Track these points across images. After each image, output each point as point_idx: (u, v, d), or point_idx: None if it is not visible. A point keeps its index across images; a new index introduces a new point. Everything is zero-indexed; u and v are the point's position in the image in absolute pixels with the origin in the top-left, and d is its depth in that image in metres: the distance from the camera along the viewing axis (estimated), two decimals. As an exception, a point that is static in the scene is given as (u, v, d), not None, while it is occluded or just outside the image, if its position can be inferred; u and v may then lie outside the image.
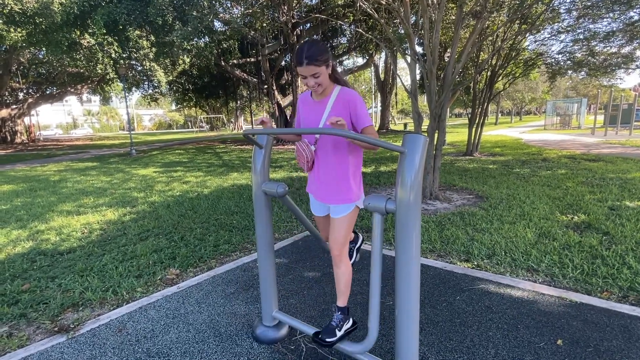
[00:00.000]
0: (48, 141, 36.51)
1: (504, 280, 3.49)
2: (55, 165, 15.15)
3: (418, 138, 1.85)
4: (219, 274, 3.91)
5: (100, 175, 11.65)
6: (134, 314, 3.15)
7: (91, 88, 30.97)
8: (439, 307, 3.07)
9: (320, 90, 2.22)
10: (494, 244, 4.36)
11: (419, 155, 1.84)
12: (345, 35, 24.34)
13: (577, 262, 3.76)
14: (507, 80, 14.04)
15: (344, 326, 2.34)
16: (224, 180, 9.69)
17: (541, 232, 4.69)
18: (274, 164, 12.83)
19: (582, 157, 11.43)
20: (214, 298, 3.38)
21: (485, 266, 3.83)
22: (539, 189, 7.12)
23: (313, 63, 2.08)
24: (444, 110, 6.74)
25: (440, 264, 3.95)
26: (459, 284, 3.45)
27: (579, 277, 3.48)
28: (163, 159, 16.08)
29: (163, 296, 3.45)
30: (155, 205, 7.07)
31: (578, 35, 11.02)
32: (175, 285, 3.68)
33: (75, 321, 3.08)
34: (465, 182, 8.08)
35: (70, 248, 4.84)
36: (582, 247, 4.16)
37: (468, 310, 2.99)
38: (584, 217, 5.22)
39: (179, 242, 4.91)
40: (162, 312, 3.16)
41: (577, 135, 21.06)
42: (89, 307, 3.33)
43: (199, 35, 15.08)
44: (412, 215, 1.86)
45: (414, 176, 1.83)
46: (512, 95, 40.48)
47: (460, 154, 13.87)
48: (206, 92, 32.47)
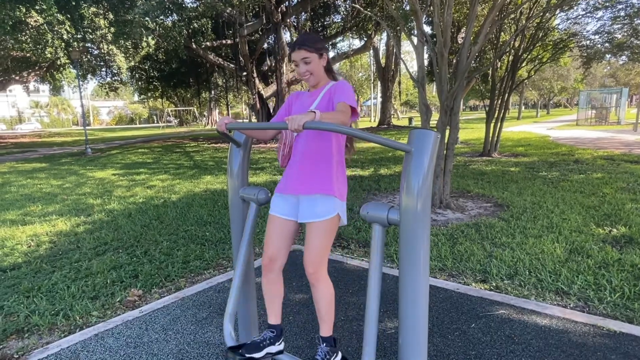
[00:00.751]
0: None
1: (529, 305, 3.50)
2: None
3: (427, 134, 1.84)
4: (188, 295, 3.89)
5: (50, 178, 11.59)
6: (89, 343, 3.12)
7: (39, 76, 30.73)
8: (450, 336, 3.07)
9: (312, 80, 2.35)
10: (516, 262, 4.37)
11: (429, 155, 1.83)
12: (339, 12, 24.30)
13: (616, 283, 3.78)
14: (532, 66, 14.12)
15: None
16: (195, 185, 9.67)
17: (573, 248, 4.71)
18: (254, 165, 12.83)
19: (622, 158, 11.53)
20: (182, 324, 3.35)
21: (506, 288, 3.84)
22: (570, 195, 7.17)
23: (304, 47, 2.27)
24: (456, 102, 6.76)
25: (452, 285, 3.96)
26: (474, 309, 3.45)
27: (618, 301, 3.49)
28: (124, 159, 16.03)
29: (123, 321, 3.42)
30: (114, 213, 7.03)
31: (619, 11, 11.05)
32: (137, 309, 3.65)
33: (20, 350, 3.04)
34: (482, 187, 8.12)
35: (14, 264, 4.80)
36: (622, 265, 4.18)
37: (485, 341, 2.99)
38: (624, 230, 5.25)
39: (142, 257, 4.89)
40: (121, 341, 3.13)
41: (616, 132, 21.25)
42: (36, 334, 3.30)
43: (165, 12, 15.05)
44: (420, 226, 1.85)
45: (422, 180, 1.82)
46: (538, 85, 40.72)
47: (475, 154, 13.94)
48: (174, 81, 32.40)
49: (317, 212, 2.21)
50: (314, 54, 2.29)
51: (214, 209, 7.11)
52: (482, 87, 21.75)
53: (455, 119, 6.76)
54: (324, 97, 2.31)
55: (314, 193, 2.23)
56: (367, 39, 25.87)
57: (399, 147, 1.84)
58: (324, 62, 2.36)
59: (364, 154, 14.73)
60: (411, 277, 1.91)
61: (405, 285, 1.93)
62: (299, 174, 2.27)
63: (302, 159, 2.28)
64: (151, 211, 7.11)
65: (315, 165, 2.24)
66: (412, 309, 1.94)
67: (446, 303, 3.57)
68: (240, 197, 2.55)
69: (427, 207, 1.85)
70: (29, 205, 7.93)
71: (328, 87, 2.33)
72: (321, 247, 2.23)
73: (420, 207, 1.83)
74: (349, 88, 2.26)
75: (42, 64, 26.97)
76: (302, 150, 2.29)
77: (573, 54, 16.05)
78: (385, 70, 32.18)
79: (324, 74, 2.38)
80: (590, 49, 13.13)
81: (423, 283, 1.92)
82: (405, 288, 1.93)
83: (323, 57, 2.34)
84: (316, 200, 2.22)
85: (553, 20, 12.86)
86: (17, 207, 7.78)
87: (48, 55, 16.66)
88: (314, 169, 2.24)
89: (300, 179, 2.27)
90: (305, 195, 2.25)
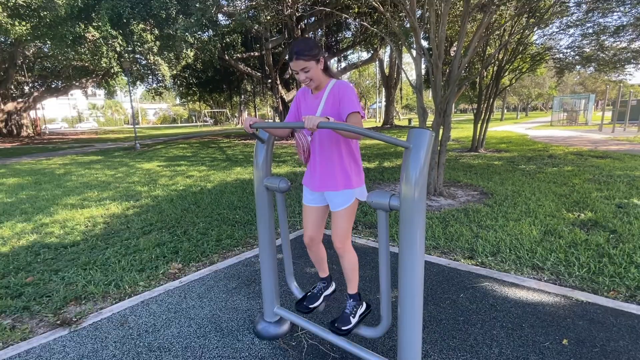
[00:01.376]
0: (53, 135, 36.68)
1: (509, 278, 3.46)
2: (61, 158, 15.21)
3: (423, 133, 1.81)
4: (221, 268, 3.90)
5: (105, 169, 11.68)
6: (136, 308, 3.15)
7: (96, 82, 31.04)
8: (442, 304, 3.04)
9: (313, 85, 2.29)
10: (498, 241, 4.33)
11: (425, 151, 1.80)
12: (349, 29, 24.23)
13: (584, 260, 3.72)
14: (513, 75, 13.93)
15: (357, 312, 2.40)
16: (227, 175, 9.68)
17: (547, 230, 4.65)
18: (277, 158, 12.81)
19: (589, 153, 11.34)
20: (215, 293, 3.37)
21: (490, 264, 3.80)
22: (545, 185, 7.07)
23: (301, 58, 2.15)
24: (449, 106, 6.68)
25: (444, 261, 3.93)
26: (462, 282, 3.42)
27: (585, 275, 3.44)
28: (167, 153, 16.10)
29: (165, 290, 3.45)
30: (158, 199, 7.07)
31: (587, 29, 10.89)
32: (177, 280, 3.67)
33: (78, 314, 3.07)
34: (470, 178, 8.03)
35: (73, 241, 4.84)
36: (589, 245, 4.11)
37: (472, 309, 2.96)
38: (590, 215, 5.17)
39: (181, 236, 4.91)
40: (163, 307, 3.15)
41: (584, 131, 20.90)
42: (91, 301, 3.33)
43: (202, 28, 15.05)
44: (417, 212, 1.83)
45: (419, 172, 1.79)
46: (518, 91, 40.18)
47: (465, 150, 13.80)
48: (210, 87, 32.49)
49: (339, 202, 2.30)
50: (312, 61, 2.17)
51: (243, 196, 7.12)
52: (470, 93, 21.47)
53: (448, 120, 6.68)
54: (328, 99, 2.25)
55: (335, 190, 2.29)
56: (374, 52, 25.79)
57: (399, 144, 1.81)
58: (321, 65, 2.23)
59: (370, 150, 14.64)
60: (409, 256, 1.89)
61: (404, 262, 1.92)
62: (321, 174, 2.32)
63: (322, 161, 2.30)
64: (190, 197, 7.14)
65: (334, 166, 2.27)
66: (409, 282, 1.93)
67: (439, 276, 3.55)
68: (265, 186, 2.55)
69: (423, 195, 1.82)
70: (87, 192, 8.00)
71: (330, 88, 2.25)
72: (344, 227, 2.33)
73: (417, 195, 1.81)
74: (352, 92, 2.18)
75: (98, 72, 27.21)
76: (320, 153, 2.30)
77: (548, 65, 15.81)
78: (388, 78, 31.89)
79: (323, 76, 2.27)
80: (563, 61, 12.92)
81: (420, 261, 1.90)
82: (404, 265, 1.92)
83: (320, 62, 2.21)
84: (337, 194, 2.29)
85: (531, 36, 12.68)
86: (76, 193, 7.86)
87: (103, 64, 16.74)
88: (334, 169, 2.27)
89: (322, 179, 2.32)
90: (329, 192, 2.32)
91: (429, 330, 2.71)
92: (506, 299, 3.09)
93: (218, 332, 2.76)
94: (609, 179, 7.42)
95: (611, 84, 25.59)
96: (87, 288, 3.51)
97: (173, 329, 2.83)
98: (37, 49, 25.12)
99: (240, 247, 4.56)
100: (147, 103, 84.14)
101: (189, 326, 2.86)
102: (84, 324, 2.93)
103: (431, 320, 2.83)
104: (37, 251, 4.52)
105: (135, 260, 4.15)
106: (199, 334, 2.75)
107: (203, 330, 2.80)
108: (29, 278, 3.76)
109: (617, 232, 4.46)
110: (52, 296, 3.38)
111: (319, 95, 2.30)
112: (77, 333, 2.82)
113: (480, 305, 3.00)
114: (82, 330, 2.85)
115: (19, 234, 5.22)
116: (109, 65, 16.70)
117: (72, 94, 57.30)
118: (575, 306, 2.95)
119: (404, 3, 6.54)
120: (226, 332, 2.76)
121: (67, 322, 2.97)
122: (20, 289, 3.52)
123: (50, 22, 14.51)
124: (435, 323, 2.79)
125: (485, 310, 2.93)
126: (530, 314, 2.86)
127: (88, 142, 25.81)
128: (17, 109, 30.22)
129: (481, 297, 3.12)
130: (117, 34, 15.29)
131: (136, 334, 2.78)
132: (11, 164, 13.77)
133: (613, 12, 9.82)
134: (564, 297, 3.08)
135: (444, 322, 2.81)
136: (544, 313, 2.86)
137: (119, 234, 5.09)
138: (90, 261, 4.14)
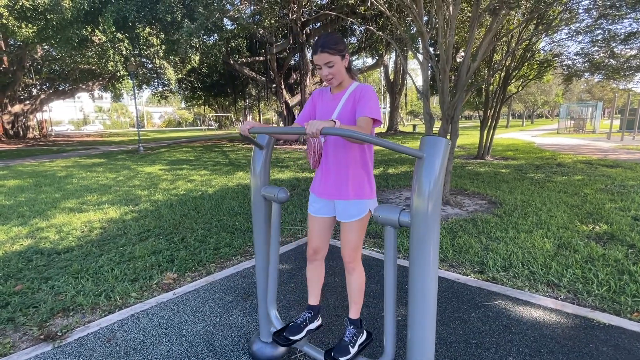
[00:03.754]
0: (59, 137, 36.70)
1: (523, 296, 3.23)
2: (64, 160, 15.09)
3: (439, 141, 1.60)
4: (217, 279, 3.69)
5: (106, 171, 11.52)
6: (125, 322, 2.94)
7: (102, 85, 31.08)
8: (452, 324, 2.82)
9: (335, 82, 2.10)
10: (510, 255, 4.10)
11: (440, 161, 1.59)
12: (355, 34, 24.13)
13: (602, 277, 3.48)
14: (520, 82, 13.72)
15: (357, 341, 2.16)
16: (229, 180, 9.49)
17: (560, 243, 4.41)
18: (280, 164, 12.63)
19: (599, 162, 11.07)
20: (210, 307, 3.16)
21: (502, 279, 3.57)
22: (555, 195, 6.83)
23: (327, 51, 1.99)
24: (456, 112, 6.48)
25: (453, 275, 3.70)
26: (473, 299, 3.19)
27: (605, 295, 3.19)
28: (170, 157, 15.96)
29: (157, 303, 3.24)
30: (158, 204, 6.88)
31: (597, 36, 10.67)
32: (171, 292, 3.46)
33: (64, 328, 2.87)
34: (477, 186, 7.80)
35: (68, 247, 4.66)
36: (607, 260, 3.87)
37: (484, 330, 2.73)
38: (606, 227, 4.92)
39: (178, 243, 4.71)
40: (154, 321, 2.94)
41: (592, 139, 20.60)
42: (79, 313, 3.13)
43: (207, 32, 14.94)
44: (431, 228, 1.61)
45: (432, 184, 1.59)
46: (524, 98, 39.97)
47: (471, 157, 13.57)
48: (215, 91, 32.48)
49: (351, 213, 2.09)
50: (337, 56, 2.00)
51: (244, 201, 6.92)
52: (476, 100, 21.29)
53: (455, 127, 6.47)
54: (347, 101, 2.06)
55: (348, 199, 2.08)
56: (379, 58, 25.74)
57: (411, 153, 1.60)
58: (346, 62, 2.07)
59: (374, 156, 14.41)
60: (421, 275, 1.68)
61: (415, 282, 1.70)
62: (334, 181, 2.11)
63: (335, 167, 2.10)
64: (190, 202, 6.95)
65: (347, 173, 2.07)
66: (421, 303, 1.71)
67: (448, 292, 3.32)
68: (262, 195, 2.34)
69: (437, 210, 1.61)
70: (86, 195, 7.82)
71: (352, 90, 2.07)
72: (355, 241, 2.13)
73: (431, 209, 1.60)
74: (374, 97, 1.99)
75: (104, 75, 27.23)
76: (333, 158, 2.10)
77: (556, 72, 15.59)
78: (393, 84, 31.74)
79: (346, 74, 2.10)
80: (571, 68, 12.69)
81: (432, 280, 1.69)
82: (415, 285, 1.70)
83: (345, 58, 2.06)
84: (350, 204, 2.09)
85: (539, 43, 12.47)
86: (76, 197, 7.68)
87: (110, 68, 16.68)
88: (346, 176, 2.07)
89: (335, 185, 2.11)
90: (340, 201, 2.11)
91: (439, 354, 2.49)
92: (521, 319, 2.86)
93: (211, 352, 2.55)
94: (622, 189, 7.17)
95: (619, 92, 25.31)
96: (76, 299, 3.31)
97: (162, 347, 2.62)
98: (45, 51, 25.18)
99: (238, 256, 4.35)
100: (152, 106, 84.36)
101: (179, 344, 2.64)
102: (69, 339, 2.73)
103: (441, 342, 2.61)
104: (29, 257, 4.34)
105: (129, 268, 3.95)
106: (190, 353, 2.54)
107: (195, 349, 2.59)
108: (18, 286, 3.57)
109: (635, 247, 4.22)
110: (39, 307, 3.19)
111: (338, 97, 2.11)
112: (60, 349, 2.62)
113: (494, 327, 2.77)
114: (67, 346, 2.65)
115: (14, 238, 5.05)
116: (115, 68, 16.64)
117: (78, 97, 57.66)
118: (598, 330, 2.71)
119: (411, 7, 6.35)
120: (219, 352, 2.55)
121: (52, 336, 2.77)
122: (7, 299, 3.33)
123: (56, 25, 14.45)
124: (446, 346, 2.56)
125: (499, 332, 2.70)
126: (548, 337, 2.63)
127: (92, 144, 25.74)
128: (24, 110, 30.25)
129: (494, 317, 2.89)
130: (124, 37, 15.22)
131: (123, 351, 2.57)
132: (14, 165, 13.65)
133: (624, 19, 9.59)
134: (584, 319, 2.84)
135: (454, 344, 2.58)
136: (564, 337, 2.63)
137: (115, 240, 4.90)
138: (83, 269, 3.94)
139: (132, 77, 18.39)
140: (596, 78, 15.22)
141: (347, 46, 2.06)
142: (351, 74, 2.16)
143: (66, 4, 13.49)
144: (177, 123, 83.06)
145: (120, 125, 75.01)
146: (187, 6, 14.20)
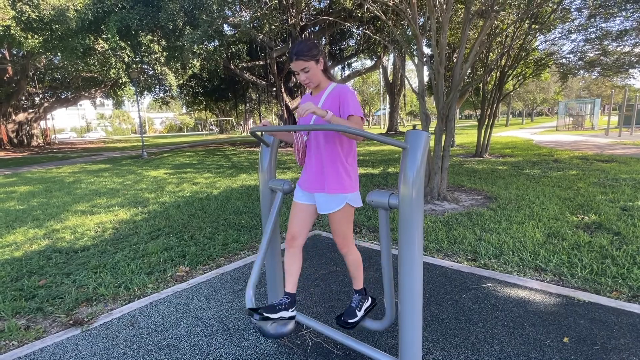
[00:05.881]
0: (63, 144, 37.07)
1: (511, 279, 3.49)
2: (70, 167, 15.39)
3: (420, 134, 1.88)
4: (227, 271, 3.97)
5: (113, 176, 11.82)
6: (145, 309, 3.21)
7: (104, 92, 31.47)
8: (444, 304, 3.08)
9: (312, 85, 2.30)
10: (501, 244, 4.35)
11: (421, 151, 1.86)
12: (353, 37, 24.40)
13: (587, 261, 3.74)
14: (516, 80, 13.96)
15: (363, 305, 2.47)
16: (233, 182, 9.77)
17: (550, 233, 4.67)
18: (282, 165, 12.90)
19: (594, 158, 11.31)
20: (222, 294, 3.43)
21: (493, 265, 3.83)
22: (549, 189, 7.08)
23: (301, 58, 2.18)
24: (451, 111, 6.74)
25: (447, 263, 3.96)
26: (465, 283, 3.45)
27: (587, 276, 3.46)
28: (173, 161, 16.25)
29: (173, 292, 3.51)
30: (166, 205, 7.16)
31: (590, 34, 10.92)
32: (184, 282, 3.74)
33: (89, 315, 3.15)
34: (474, 183, 8.06)
35: (84, 246, 4.93)
36: (592, 247, 4.13)
37: (474, 308, 3.00)
38: (594, 218, 5.18)
39: (188, 241, 4.98)
40: (172, 307, 3.22)
41: (590, 136, 20.83)
42: (102, 302, 3.40)
43: (209, 39, 15.24)
44: (415, 210, 1.88)
45: (415, 172, 1.85)
46: (522, 96, 40.17)
47: (469, 155, 13.81)
48: (216, 95, 32.70)
49: (330, 205, 2.27)
50: (311, 61, 2.19)
51: (248, 201, 7.19)
52: (474, 99, 21.53)
53: (450, 125, 6.73)
54: (326, 99, 2.26)
55: (326, 192, 2.27)
56: (377, 59, 25.95)
57: (396, 144, 1.87)
58: (321, 66, 2.25)
59: (374, 156, 14.69)
60: (409, 253, 1.95)
61: (404, 259, 1.97)
62: (315, 175, 2.32)
63: (316, 162, 2.31)
64: (196, 203, 7.22)
65: (326, 168, 2.26)
66: (409, 279, 1.98)
67: (442, 278, 3.58)
68: (270, 188, 2.62)
69: (420, 194, 1.88)
70: (96, 199, 8.11)
71: (330, 90, 2.27)
72: (342, 229, 2.33)
73: (415, 194, 1.86)
74: (353, 96, 2.19)
75: (106, 83, 27.57)
76: (314, 154, 2.31)
77: (552, 70, 15.83)
78: (392, 85, 31.98)
79: (322, 77, 2.29)
80: (566, 66, 12.94)
81: (418, 258, 1.95)
82: (404, 262, 1.97)
83: (320, 62, 2.24)
84: (328, 197, 2.27)
85: (534, 42, 12.72)
86: (86, 200, 7.97)
87: (112, 75, 17.01)
88: (326, 170, 2.26)
89: (316, 179, 2.32)
90: (319, 193, 2.31)
91: (431, 329, 2.75)
92: (508, 299, 3.12)
93: (225, 331, 2.82)
94: (614, 183, 7.42)
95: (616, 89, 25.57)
96: (98, 290, 3.58)
97: (181, 328, 2.89)
98: (48, 60, 25.54)
99: (246, 250, 4.62)
100: (153, 112, 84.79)
101: (196, 326, 2.92)
102: (95, 324, 3.00)
103: (433, 319, 2.87)
104: (49, 255, 4.61)
105: (143, 263, 4.22)
106: (207, 333, 2.81)
107: (210, 329, 2.86)
108: (42, 281, 3.85)
109: (621, 234, 4.48)
110: (64, 298, 3.46)
111: (319, 96, 2.31)
112: (88, 332, 2.89)
113: (482, 305, 3.03)
114: (94, 330, 2.92)
115: (31, 239, 5.32)
116: (117, 75, 16.97)
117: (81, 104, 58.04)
118: (577, 306, 2.97)
119: (406, 11, 6.63)
120: (233, 331, 2.82)
121: (79, 322, 3.04)
122: (33, 291, 3.60)
123: (61, 35, 14.78)
124: (437, 322, 2.83)
125: (487, 310, 2.96)
126: (532, 313, 2.89)
127: (96, 151, 26.07)
128: (28, 119, 30.67)
129: (483, 298, 3.16)
130: (126, 45, 15.54)
131: (146, 333, 2.85)
132: (22, 172, 13.97)
133: (615, 17, 9.86)
134: (566, 298, 3.11)
135: (445, 321, 2.84)
136: (546, 313, 2.89)
137: (128, 238, 5.17)
138: (100, 265, 4.22)
139: (134, 83, 18.72)
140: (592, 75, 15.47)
141: (321, 50, 2.26)
142: (328, 75, 2.33)
143: (71, 14, 13.83)
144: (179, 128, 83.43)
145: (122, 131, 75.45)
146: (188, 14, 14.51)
